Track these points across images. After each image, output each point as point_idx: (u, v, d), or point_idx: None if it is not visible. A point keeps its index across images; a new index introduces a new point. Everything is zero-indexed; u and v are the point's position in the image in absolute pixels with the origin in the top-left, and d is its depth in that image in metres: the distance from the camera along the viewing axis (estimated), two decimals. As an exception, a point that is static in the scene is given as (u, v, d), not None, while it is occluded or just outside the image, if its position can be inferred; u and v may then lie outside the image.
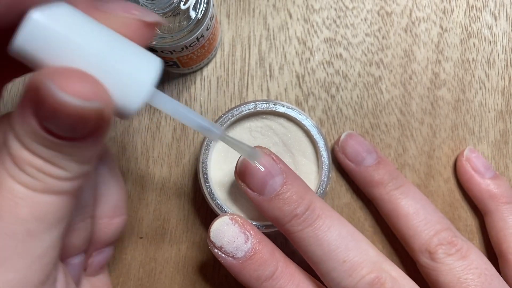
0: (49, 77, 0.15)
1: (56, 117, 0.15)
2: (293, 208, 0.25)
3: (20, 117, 0.16)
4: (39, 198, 0.17)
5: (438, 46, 0.34)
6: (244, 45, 0.33)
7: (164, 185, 0.32)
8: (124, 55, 0.17)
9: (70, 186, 0.18)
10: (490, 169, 0.32)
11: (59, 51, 0.16)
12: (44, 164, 0.17)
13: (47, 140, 0.16)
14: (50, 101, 0.15)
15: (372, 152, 0.30)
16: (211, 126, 0.21)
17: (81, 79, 0.16)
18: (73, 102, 0.15)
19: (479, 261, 0.27)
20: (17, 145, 0.17)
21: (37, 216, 0.17)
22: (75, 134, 0.16)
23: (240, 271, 0.26)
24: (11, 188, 0.17)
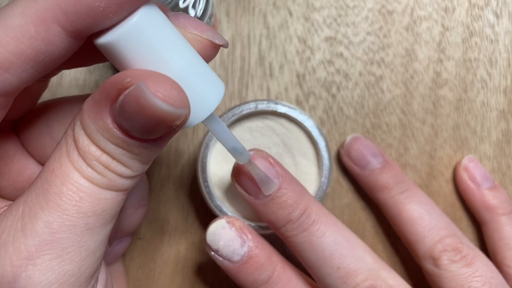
0: (140, 79, 0.15)
1: (139, 118, 0.16)
2: (288, 213, 0.25)
3: (93, 112, 0.17)
4: (102, 194, 0.17)
5: (440, 45, 0.33)
6: (244, 44, 0.33)
7: (163, 185, 0.32)
8: (199, 73, 0.18)
9: (130, 184, 0.18)
10: (488, 179, 0.31)
11: (147, 57, 0.17)
12: (111, 161, 0.17)
13: (119, 139, 0.17)
14: (138, 103, 0.15)
15: (377, 156, 0.30)
16: (243, 150, 0.22)
17: (171, 85, 0.16)
18: (163, 107, 0.15)
19: (484, 269, 0.27)
20: (85, 139, 0.17)
21: (97, 212, 0.17)
22: (150, 135, 0.17)
23: (236, 274, 0.26)
24: (77, 181, 0.17)
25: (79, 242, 0.17)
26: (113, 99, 0.16)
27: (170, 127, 0.16)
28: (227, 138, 0.22)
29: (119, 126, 0.16)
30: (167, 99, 0.16)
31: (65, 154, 0.17)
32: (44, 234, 0.17)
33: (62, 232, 0.17)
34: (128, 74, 0.16)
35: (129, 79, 0.16)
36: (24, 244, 0.17)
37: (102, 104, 0.16)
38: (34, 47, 0.17)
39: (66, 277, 0.17)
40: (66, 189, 0.17)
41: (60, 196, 0.17)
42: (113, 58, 0.17)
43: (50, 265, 0.17)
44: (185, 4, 0.26)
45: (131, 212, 0.25)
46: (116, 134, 0.17)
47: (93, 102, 0.17)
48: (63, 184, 0.17)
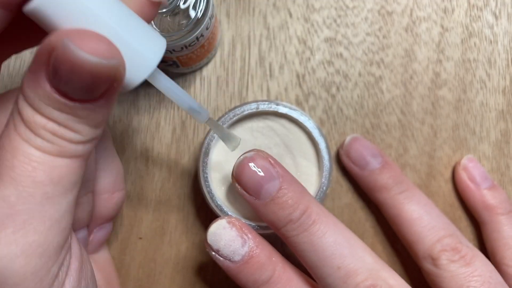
0: (67, 37, 0.15)
1: (73, 77, 0.16)
2: (288, 213, 0.25)
3: (32, 82, 0.17)
4: (55, 162, 0.17)
5: (439, 46, 0.33)
6: (244, 44, 0.33)
7: (164, 185, 0.32)
8: (135, 30, 0.18)
9: (84, 149, 0.18)
10: (487, 179, 0.31)
11: (75, 16, 0.17)
12: (58, 128, 0.17)
13: (61, 103, 0.17)
14: (68, 60, 0.15)
15: (377, 156, 0.30)
16: (200, 108, 0.22)
17: (98, 39, 0.16)
18: (92, 60, 0.15)
19: (483, 269, 0.27)
20: (29, 110, 0.17)
21: (53, 180, 0.17)
22: (89, 95, 0.17)
23: (237, 274, 0.26)
24: (27, 152, 0.17)
25: (40, 212, 0.17)
26: (46, 63, 0.16)
27: (106, 82, 0.16)
28: (180, 97, 0.21)
29: (58, 89, 0.16)
30: (94, 51, 0.15)
31: (12, 128, 0.17)
32: (2, 208, 0.17)
33: (21, 204, 0.17)
34: (54, 35, 0.16)
35: (55, 39, 0.16)
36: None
37: (37, 71, 0.16)
38: None
39: (32, 248, 0.17)
40: (17, 161, 0.17)
41: (13, 169, 0.17)
42: (44, 24, 0.17)
43: (13, 237, 0.17)
44: (186, 5, 0.26)
45: (106, 197, 0.25)
46: (57, 99, 0.16)
47: (30, 71, 0.17)
48: (14, 157, 0.17)
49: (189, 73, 0.33)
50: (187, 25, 0.26)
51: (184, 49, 0.28)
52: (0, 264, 0.17)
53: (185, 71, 0.32)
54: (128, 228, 0.32)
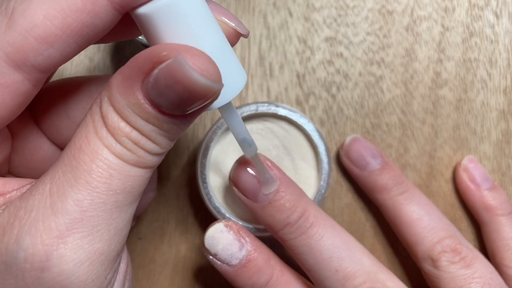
0: (178, 53, 0.15)
1: (173, 92, 0.16)
2: (286, 216, 0.25)
3: (123, 87, 0.16)
4: (131, 171, 0.17)
5: (440, 45, 0.33)
6: (244, 44, 0.33)
7: (163, 185, 0.32)
8: (227, 57, 0.18)
9: (157, 161, 0.18)
10: (487, 180, 0.31)
11: (182, 32, 0.17)
12: (141, 138, 0.17)
13: (150, 114, 0.16)
14: (175, 75, 0.15)
15: (377, 157, 0.30)
16: (252, 142, 0.22)
17: (208, 60, 0.16)
18: (201, 81, 0.15)
19: (483, 270, 0.27)
20: (115, 115, 0.17)
21: (126, 189, 0.17)
22: (181, 111, 0.17)
23: (234, 278, 0.26)
24: (106, 158, 0.17)
25: (108, 219, 0.17)
26: (146, 73, 0.16)
27: (203, 102, 0.16)
28: (239, 128, 0.22)
29: (151, 101, 0.16)
30: (204, 73, 0.15)
31: (92, 131, 0.17)
32: (75, 212, 0.17)
33: (92, 210, 0.17)
34: (164, 47, 0.16)
35: (165, 52, 0.15)
36: (54, 223, 0.17)
37: (133, 79, 0.16)
38: (80, 20, 0.16)
39: (96, 255, 0.17)
40: (95, 166, 0.17)
41: (90, 173, 0.17)
42: (148, 30, 0.17)
43: (81, 243, 0.17)
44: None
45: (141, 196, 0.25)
46: (148, 110, 0.16)
47: (123, 77, 0.16)
48: (92, 161, 0.17)
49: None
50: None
51: (184, 49, 0.28)
52: (66, 268, 0.17)
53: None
54: (127, 229, 0.32)
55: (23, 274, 0.17)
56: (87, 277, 0.17)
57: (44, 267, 0.17)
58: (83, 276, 0.17)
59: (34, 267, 0.17)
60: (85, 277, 0.17)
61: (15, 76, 0.17)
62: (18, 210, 0.17)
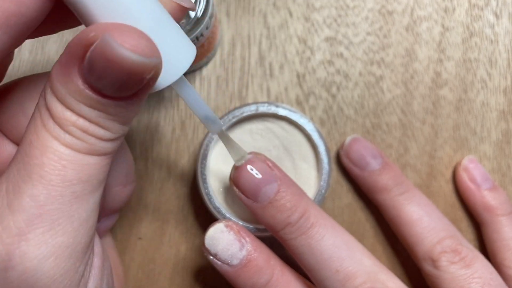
0: (107, 31, 0.15)
1: (109, 73, 0.15)
2: (287, 216, 0.25)
3: (62, 76, 0.16)
4: (84, 160, 0.17)
5: (440, 45, 0.33)
6: (244, 44, 0.33)
7: (163, 185, 0.32)
8: (169, 33, 0.17)
9: (112, 147, 0.18)
10: (488, 180, 0.31)
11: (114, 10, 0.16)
12: (89, 125, 0.16)
13: (93, 100, 0.16)
14: (107, 56, 0.15)
15: (377, 157, 0.30)
16: (215, 119, 0.22)
17: (139, 35, 0.15)
18: (133, 57, 0.15)
19: (483, 271, 0.27)
20: (59, 106, 0.16)
21: (82, 178, 0.17)
22: (123, 92, 0.16)
23: (235, 278, 0.26)
24: (57, 150, 0.16)
25: (68, 211, 0.17)
26: (80, 58, 0.15)
27: (143, 81, 0.16)
28: (198, 105, 0.21)
29: (91, 85, 0.16)
30: (135, 49, 0.15)
31: (40, 124, 0.17)
32: (32, 208, 0.16)
33: (50, 203, 0.16)
34: (92, 28, 0.15)
35: (93, 33, 0.15)
36: (13, 221, 0.16)
37: (70, 65, 0.16)
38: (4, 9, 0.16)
39: (61, 249, 0.17)
40: (47, 158, 0.16)
41: (42, 167, 0.16)
42: (80, 13, 0.16)
43: (43, 238, 0.17)
44: (186, 4, 0.26)
45: (119, 190, 0.25)
46: (89, 95, 0.16)
47: (61, 65, 0.16)
48: (43, 154, 0.16)
49: (189, 73, 0.33)
50: (187, 25, 0.26)
51: (184, 49, 0.28)
52: (30, 265, 0.16)
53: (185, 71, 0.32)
54: (127, 229, 0.32)
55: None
56: (54, 272, 0.17)
57: (8, 267, 0.16)
58: (49, 272, 0.17)
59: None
60: (52, 272, 0.17)
61: None
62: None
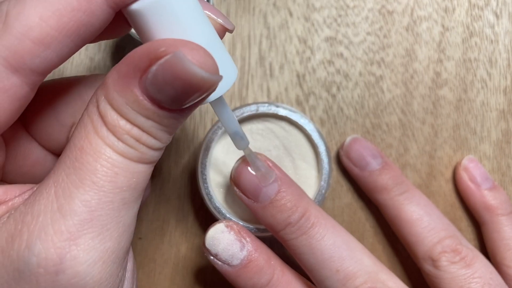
0: (176, 48, 0.15)
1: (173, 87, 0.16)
2: (287, 216, 0.25)
3: (120, 85, 0.16)
4: (135, 168, 0.17)
5: (440, 45, 0.33)
6: (244, 44, 0.33)
7: (163, 185, 0.32)
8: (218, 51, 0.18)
9: (158, 156, 0.18)
10: (488, 179, 0.31)
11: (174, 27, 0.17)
12: (142, 134, 0.17)
13: (149, 110, 0.16)
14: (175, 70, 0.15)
15: (377, 157, 0.30)
16: (244, 135, 0.22)
17: (206, 53, 0.16)
18: (200, 74, 0.15)
19: (483, 270, 0.27)
20: (114, 114, 0.17)
21: (131, 186, 0.17)
22: (180, 105, 0.17)
23: (235, 278, 0.26)
24: (110, 157, 0.17)
25: (117, 217, 0.17)
26: (143, 70, 0.16)
27: (202, 95, 0.16)
28: (231, 121, 0.22)
29: (150, 97, 0.16)
30: (203, 66, 0.15)
31: (92, 131, 0.17)
32: (83, 213, 0.17)
33: (101, 209, 0.17)
34: (161, 43, 0.16)
35: (163, 48, 0.15)
36: (64, 225, 0.17)
37: (130, 76, 0.16)
38: (76, 19, 0.17)
39: (108, 254, 0.17)
40: (100, 165, 0.17)
41: (95, 173, 0.17)
42: (141, 27, 0.17)
43: (92, 243, 0.17)
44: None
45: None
46: (147, 106, 0.16)
47: (120, 75, 0.16)
48: (96, 161, 0.17)
49: (189, 73, 0.33)
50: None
51: (184, 49, 0.28)
52: (80, 270, 0.17)
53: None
54: (127, 228, 0.32)
55: (37, 279, 0.17)
56: (101, 276, 0.17)
57: (59, 270, 0.17)
58: (97, 276, 0.17)
59: (48, 271, 0.17)
60: (99, 277, 0.17)
61: (14, 80, 0.17)
62: (24, 216, 0.17)
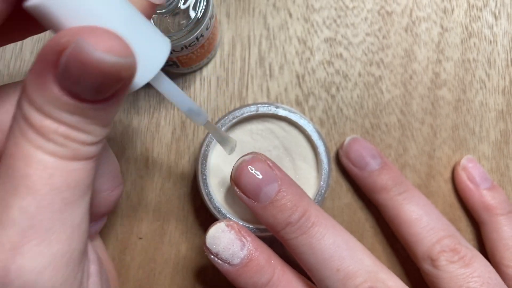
0: (78, 36, 0.15)
1: (86, 77, 0.15)
2: (287, 216, 0.25)
3: (37, 85, 0.16)
4: (70, 166, 0.17)
5: (439, 46, 0.33)
6: (244, 44, 0.33)
7: (164, 185, 0.32)
8: (141, 30, 0.17)
9: (96, 150, 0.18)
10: (486, 179, 0.32)
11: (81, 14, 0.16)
12: (70, 131, 0.16)
13: (71, 105, 0.16)
14: (82, 60, 0.15)
15: (376, 157, 0.30)
16: (199, 110, 0.22)
17: (111, 37, 0.15)
18: (108, 59, 0.15)
19: (482, 269, 0.27)
20: (37, 115, 0.16)
21: (70, 185, 0.17)
22: (101, 95, 0.16)
23: (236, 278, 0.26)
24: (41, 159, 0.16)
25: (61, 219, 0.17)
26: (54, 64, 0.15)
27: (120, 82, 0.16)
28: (181, 99, 0.21)
29: (68, 91, 0.15)
30: (110, 50, 0.15)
31: (20, 136, 0.16)
32: (23, 220, 0.16)
33: (41, 213, 0.16)
34: (63, 33, 0.15)
35: (66, 38, 0.15)
36: (5, 236, 0.16)
37: (44, 73, 0.15)
38: None
39: (58, 258, 0.17)
40: (32, 169, 0.16)
41: (28, 178, 0.16)
42: (47, 21, 0.16)
43: (38, 249, 0.16)
44: (186, 5, 0.26)
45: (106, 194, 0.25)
46: (67, 101, 0.16)
47: (35, 74, 0.16)
48: (27, 165, 0.16)
49: (189, 73, 0.33)
50: (187, 25, 0.26)
51: (184, 49, 0.28)
52: (29, 278, 0.16)
53: (185, 71, 0.32)
54: (128, 228, 0.32)
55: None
56: (53, 282, 0.17)
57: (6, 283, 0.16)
58: (49, 282, 0.17)
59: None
60: (51, 283, 0.17)
61: None
62: None
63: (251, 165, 0.25)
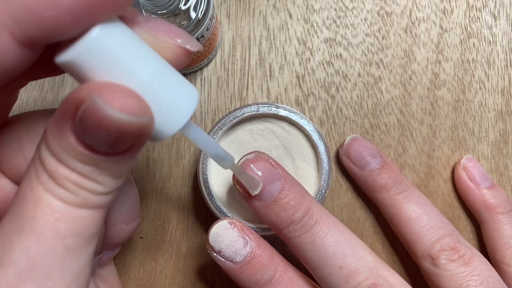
0: (95, 92, 0.15)
1: (99, 131, 0.15)
2: (291, 214, 0.25)
3: (56, 133, 0.16)
4: (77, 213, 0.17)
5: (438, 46, 0.34)
6: (244, 45, 0.33)
7: (164, 185, 0.32)
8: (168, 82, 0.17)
9: (106, 200, 0.18)
10: (487, 178, 0.32)
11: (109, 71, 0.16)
12: (81, 179, 0.17)
13: (85, 155, 0.16)
14: (95, 116, 0.15)
15: (376, 157, 0.30)
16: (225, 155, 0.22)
17: (128, 95, 0.15)
18: (120, 117, 0.15)
19: (482, 268, 0.27)
20: (53, 161, 0.16)
21: (75, 232, 0.17)
22: (114, 149, 0.16)
23: (239, 275, 0.26)
24: (50, 203, 0.16)
25: (60, 266, 0.17)
26: (72, 116, 0.15)
27: (134, 138, 0.16)
28: (208, 145, 0.21)
29: (83, 142, 0.16)
30: (124, 109, 0.15)
31: (34, 177, 0.17)
32: (23, 262, 0.16)
33: (41, 257, 0.16)
34: (83, 87, 0.15)
35: (84, 93, 0.15)
36: (3, 275, 0.16)
37: (63, 123, 0.16)
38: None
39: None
40: (40, 211, 0.16)
41: (35, 219, 0.16)
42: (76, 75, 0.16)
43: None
44: (187, 6, 0.26)
45: (122, 227, 0.25)
46: (81, 152, 0.16)
47: (55, 122, 0.16)
48: (36, 207, 0.16)
49: (190, 74, 0.33)
50: (187, 26, 0.26)
51: (185, 50, 0.28)
52: None
53: (186, 72, 0.33)
54: (129, 228, 0.32)
55: None
56: None
57: None
58: None
59: None
60: None
61: None
62: None
63: (254, 164, 0.25)
